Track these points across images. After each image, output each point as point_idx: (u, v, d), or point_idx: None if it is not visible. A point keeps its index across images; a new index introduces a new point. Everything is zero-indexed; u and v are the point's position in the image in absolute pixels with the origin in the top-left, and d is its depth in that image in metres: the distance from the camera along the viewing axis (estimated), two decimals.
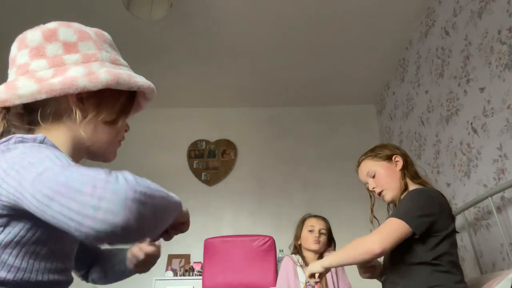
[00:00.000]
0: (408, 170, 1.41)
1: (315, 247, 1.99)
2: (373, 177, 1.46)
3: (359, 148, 3.22)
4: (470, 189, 1.91)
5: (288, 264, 2.00)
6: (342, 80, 3.08)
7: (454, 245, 1.24)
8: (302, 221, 2.15)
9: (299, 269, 1.99)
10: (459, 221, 1.96)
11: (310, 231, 2.04)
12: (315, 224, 2.03)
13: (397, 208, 1.28)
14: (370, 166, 1.48)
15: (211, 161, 3.22)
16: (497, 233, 1.66)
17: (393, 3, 2.30)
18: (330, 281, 1.91)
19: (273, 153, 3.24)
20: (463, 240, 1.98)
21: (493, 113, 1.72)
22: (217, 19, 2.40)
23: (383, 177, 1.43)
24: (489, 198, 1.62)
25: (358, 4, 2.30)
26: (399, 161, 1.43)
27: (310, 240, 2.01)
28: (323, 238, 2.00)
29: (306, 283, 1.94)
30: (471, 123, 1.90)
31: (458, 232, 1.31)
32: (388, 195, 1.41)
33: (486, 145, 1.77)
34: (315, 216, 2.11)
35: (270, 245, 2.27)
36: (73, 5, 2.28)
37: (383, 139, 3.20)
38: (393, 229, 1.18)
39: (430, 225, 1.19)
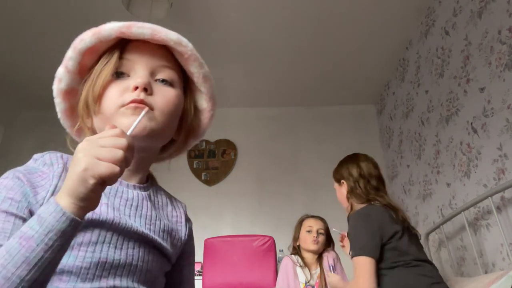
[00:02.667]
0: (353, 194, 1.62)
1: (313, 247, 1.99)
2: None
3: (359, 148, 3.23)
4: (470, 189, 1.91)
5: (287, 264, 2.00)
6: (342, 80, 3.08)
7: (403, 244, 1.41)
8: (300, 222, 2.15)
9: (298, 269, 1.99)
10: (459, 221, 1.96)
11: (308, 231, 2.04)
12: (313, 225, 2.04)
13: (350, 242, 1.48)
14: (333, 182, 1.79)
15: (211, 161, 3.22)
16: (497, 233, 1.66)
17: (393, 3, 2.30)
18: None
19: (273, 153, 3.24)
20: (463, 240, 1.98)
21: (493, 113, 1.72)
22: (217, 19, 2.40)
23: (338, 195, 1.74)
24: (489, 198, 1.62)
25: (357, 4, 2.30)
26: (344, 185, 1.67)
27: (308, 241, 2.01)
28: (321, 238, 2.01)
29: (305, 283, 1.94)
30: (471, 123, 1.90)
31: (404, 234, 1.45)
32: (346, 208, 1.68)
33: (486, 145, 1.77)
34: (312, 216, 2.12)
35: (270, 245, 2.28)
36: (73, 5, 2.28)
37: (383, 139, 3.20)
38: (365, 269, 1.35)
39: (380, 242, 1.39)
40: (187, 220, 0.71)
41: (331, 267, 1.88)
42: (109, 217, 0.55)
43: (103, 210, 0.55)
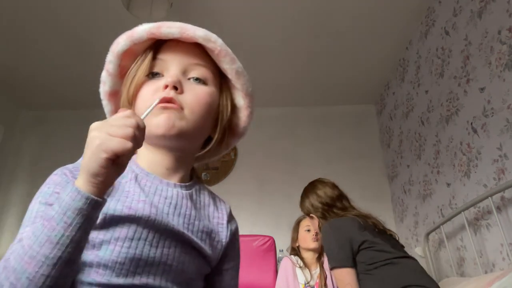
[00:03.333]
0: (326, 218, 1.67)
1: (314, 245, 1.99)
2: None
3: (359, 148, 3.25)
4: (470, 189, 1.91)
5: (287, 265, 2.00)
6: (342, 80, 3.08)
7: (371, 249, 1.47)
8: (297, 223, 2.16)
9: (298, 270, 1.99)
10: (459, 221, 1.96)
11: (307, 230, 2.04)
12: (311, 224, 2.04)
13: (326, 255, 1.57)
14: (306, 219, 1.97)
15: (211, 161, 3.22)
16: (497, 233, 1.66)
17: (393, 3, 2.30)
18: (330, 282, 1.91)
19: (273, 153, 3.24)
20: (463, 240, 1.98)
21: (493, 113, 1.72)
22: (217, 19, 2.40)
23: (314, 227, 1.84)
24: (489, 198, 1.62)
25: (357, 4, 2.30)
26: (314, 218, 1.75)
27: (308, 239, 2.01)
28: (320, 236, 2.02)
29: (305, 284, 1.94)
30: (471, 123, 1.90)
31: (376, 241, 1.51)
32: None
33: (486, 145, 1.77)
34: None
35: (270, 245, 2.28)
36: (73, 5, 2.28)
37: (383, 139, 3.20)
38: (345, 280, 1.43)
39: (351, 252, 1.45)
40: (230, 221, 0.70)
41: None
42: (145, 213, 0.56)
43: (140, 207, 0.56)
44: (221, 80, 0.68)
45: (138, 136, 0.46)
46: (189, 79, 0.63)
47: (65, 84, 3.01)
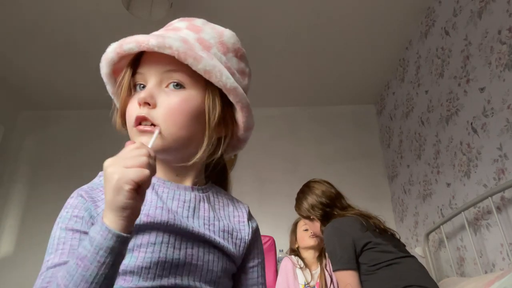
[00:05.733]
0: (327, 221, 1.64)
1: (313, 242, 2.00)
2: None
3: (359, 148, 3.25)
4: (470, 189, 1.91)
5: (287, 265, 2.00)
6: (342, 80, 3.08)
7: (374, 250, 1.46)
8: (295, 224, 2.17)
9: (298, 271, 1.99)
10: (459, 221, 1.96)
11: (305, 230, 2.05)
12: (311, 227, 2.04)
13: (328, 257, 1.56)
14: (303, 220, 1.90)
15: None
16: (497, 233, 1.66)
17: (393, 3, 2.30)
18: (330, 280, 1.91)
19: (273, 153, 3.24)
20: (463, 240, 1.98)
21: (493, 113, 1.72)
22: (217, 19, 2.39)
23: (313, 230, 1.82)
24: (489, 198, 1.62)
25: (357, 4, 2.30)
26: (314, 220, 1.72)
27: (306, 237, 2.01)
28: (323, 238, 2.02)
29: (305, 285, 1.94)
30: (471, 123, 1.90)
31: (379, 241, 1.50)
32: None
33: (486, 145, 1.77)
34: None
35: (270, 245, 2.28)
36: (73, 6, 2.28)
37: (383, 139, 3.20)
38: (347, 283, 1.42)
39: (354, 254, 1.45)
40: (250, 219, 0.71)
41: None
42: (164, 219, 0.57)
43: (157, 213, 0.58)
44: (206, 80, 0.64)
45: (152, 163, 0.48)
46: (167, 86, 0.62)
47: (65, 84, 3.01)
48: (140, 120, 0.59)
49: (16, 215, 2.96)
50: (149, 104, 0.59)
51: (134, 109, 0.61)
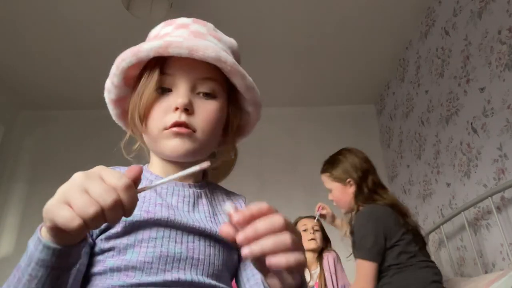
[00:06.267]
0: (361, 193, 1.54)
1: (312, 245, 1.99)
2: (331, 191, 1.67)
3: (359, 148, 3.24)
4: (470, 189, 1.91)
5: None
6: (342, 80, 3.08)
7: (409, 244, 1.40)
8: (294, 224, 2.16)
9: None
10: (459, 221, 1.96)
11: (304, 230, 2.05)
12: (307, 223, 2.06)
13: (355, 244, 1.45)
14: (327, 183, 1.69)
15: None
16: (497, 233, 1.66)
17: (393, 3, 2.30)
18: (329, 280, 1.91)
19: (273, 153, 3.23)
20: (463, 240, 1.98)
21: (493, 113, 1.72)
22: (217, 19, 2.39)
23: (338, 197, 1.63)
24: (489, 198, 1.62)
25: (357, 4, 2.30)
26: (352, 184, 1.57)
27: (305, 239, 2.01)
28: (318, 234, 2.03)
29: None
30: (471, 123, 1.90)
31: (408, 240, 1.43)
32: (343, 210, 1.66)
33: (486, 145, 1.77)
34: (306, 217, 2.14)
35: None
36: (73, 6, 2.28)
37: (383, 139, 3.20)
38: (368, 275, 1.35)
39: (385, 244, 1.38)
40: None
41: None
42: (164, 215, 0.57)
43: (157, 210, 0.58)
44: (229, 89, 0.68)
45: (107, 218, 0.37)
46: (198, 93, 0.63)
47: (65, 84, 3.01)
48: (179, 126, 0.59)
49: (16, 215, 2.96)
50: (187, 110, 0.60)
51: (166, 113, 0.60)
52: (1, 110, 3.09)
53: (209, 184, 0.72)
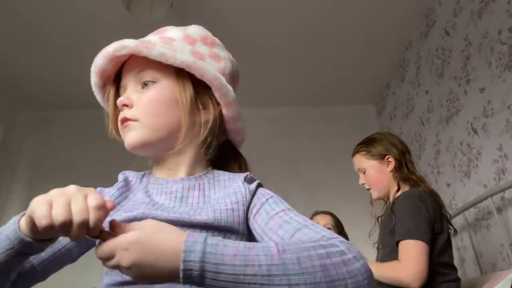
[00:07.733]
0: (401, 171, 1.40)
1: None
2: (364, 172, 1.49)
3: None
4: (470, 189, 1.91)
5: None
6: (342, 80, 3.08)
7: (449, 244, 1.27)
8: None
9: None
10: (459, 221, 1.96)
11: None
12: (320, 220, 1.99)
13: (399, 222, 1.24)
14: (361, 162, 1.50)
15: None
16: (497, 234, 1.66)
17: (393, 3, 2.30)
18: None
19: (273, 153, 3.23)
20: (463, 240, 1.98)
21: (493, 113, 1.72)
22: (217, 19, 2.40)
23: (372, 177, 1.45)
24: (489, 198, 1.62)
25: (357, 4, 2.30)
26: (391, 162, 1.42)
27: None
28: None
29: None
30: (471, 124, 1.90)
31: (452, 230, 1.34)
32: (375, 194, 1.47)
33: (486, 145, 1.77)
34: (321, 212, 2.07)
35: None
36: (73, 5, 2.28)
37: None
38: (418, 253, 1.14)
39: (433, 231, 1.21)
40: (246, 182, 0.66)
41: None
42: (139, 212, 0.59)
43: (136, 207, 0.60)
44: (176, 70, 0.66)
45: (72, 231, 0.43)
46: (142, 87, 0.66)
47: (65, 84, 3.00)
48: (124, 122, 0.65)
49: (16, 215, 2.96)
50: (127, 106, 0.64)
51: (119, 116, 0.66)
52: (2, 110, 3.09)
53: (211, 172, 0.71)
